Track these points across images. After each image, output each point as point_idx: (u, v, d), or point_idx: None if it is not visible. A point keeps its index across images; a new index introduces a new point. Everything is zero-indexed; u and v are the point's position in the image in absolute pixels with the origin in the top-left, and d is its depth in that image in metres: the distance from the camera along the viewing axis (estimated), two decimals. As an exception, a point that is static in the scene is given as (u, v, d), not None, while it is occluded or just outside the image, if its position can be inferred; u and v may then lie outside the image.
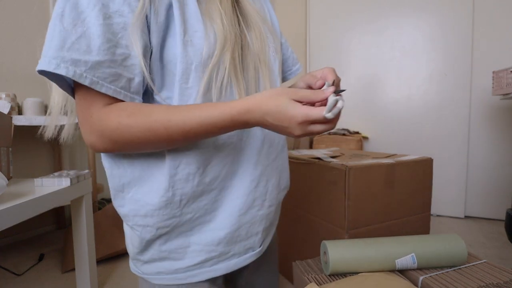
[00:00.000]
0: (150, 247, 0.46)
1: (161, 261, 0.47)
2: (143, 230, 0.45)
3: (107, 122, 0.37)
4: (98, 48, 0.35)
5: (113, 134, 0.37)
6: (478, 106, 1.92)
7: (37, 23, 1.71)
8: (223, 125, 0.37)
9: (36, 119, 1.41)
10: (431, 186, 0.99)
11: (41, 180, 0.91)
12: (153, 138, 0.37)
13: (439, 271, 0.66)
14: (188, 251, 0.47)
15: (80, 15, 0.35)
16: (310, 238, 1.01)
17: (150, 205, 0.43)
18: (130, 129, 0.37)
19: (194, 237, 0.47)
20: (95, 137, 0.38)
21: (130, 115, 0.37)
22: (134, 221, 0.45)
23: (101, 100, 0.37)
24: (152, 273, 0.48)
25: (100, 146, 0.38)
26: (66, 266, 1.30)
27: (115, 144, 0.38)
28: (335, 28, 2.31)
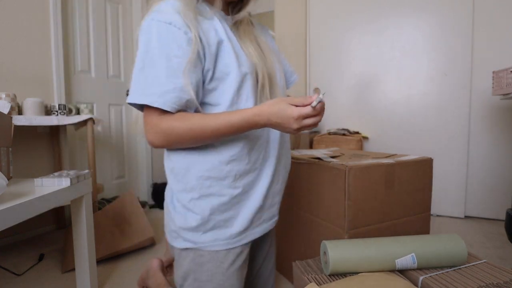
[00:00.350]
0: (211, 218, 0.62)
1: (218, 229, 0.63)
2: (207, 200, 0.62)
3: (162, 125, 0.55)
4: (164, 83, 0.54)
5: (166, 132, 0.56)
6: (478, 106, 1.91)
7: (37, 23, 1.71)
8: (240, 125, 0.55)
9: (36, 119, 1.41)
10: (431, 186, 0.99)
11: (41, 180, 0.91)
12: (192, 134, 0.56)
13: (439, 271, 0.66)
14: (238, 219, 0.64)
15: (154, 64, 0.55)
16: (310, 238, 1.01)
17: (213, 178, 0.62)
18: (177, 129, 0.55)
19: (242, 208, 0.64)
20: (154, 136, 0.56)
21: (177, 120, 0.55)
22: (200, 192, 0.62)
23: (160, 112, 0.56)
24: (209, 241, 0.63)
25: (158, 142, 0.57)
26: (66, 266, 1.30)
27: (168, 140, 0.56)
28: (335, 28, 2.31)
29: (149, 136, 0.57)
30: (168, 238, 0.69)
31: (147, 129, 0.57)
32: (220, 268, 0.64)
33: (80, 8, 2.01)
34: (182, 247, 0.65)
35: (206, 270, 0.64)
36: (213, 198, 0.62)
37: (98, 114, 2.17)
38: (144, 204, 2.36)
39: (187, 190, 0.63)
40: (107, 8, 2.21)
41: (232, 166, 0.62)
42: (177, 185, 0.65)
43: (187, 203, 0.63)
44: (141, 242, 1.46)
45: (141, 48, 0.56)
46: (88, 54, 2.08)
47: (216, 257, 0.63)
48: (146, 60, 0.55)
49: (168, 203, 0.69)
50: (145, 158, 2.47)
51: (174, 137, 0.56)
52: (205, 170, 0.62)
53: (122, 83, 2.35)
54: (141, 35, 0.57)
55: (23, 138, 1.67)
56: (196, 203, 0.62)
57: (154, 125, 0.56)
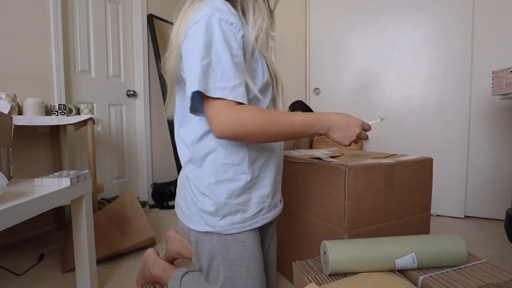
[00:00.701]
0: (227, 202, 0.68)
1: (235, 213, 0.69)
2: (222, 185, 0.68)
3: (244, 114, 0.59)
4: (233, 78, 0.59)
5: (238, 122, 0.58)
6: (478, 106, 1.92)
7: (37, 23, 1.71)
8: (311, 124, 0.64)
9: (36, 119, 1.41)
10: (431, 186, 0.99)
11: (41, 180, 0.91)
12: (270, 127, 0.61)
13: (439, 271, 0.66)
14: (251, 204, 0.71)
15: (221, 59, 0.59)
16: (310, 238, 1.01)
17: (228, 164, 0.68)
18: (259, 119, 0.60)
19: (254, 193, 0.71)
20: (225, 126, 0.59)
21: (248, 111, 0.60)
22: (217, 177, 0.68)
23: (231, 104, 0.60)
24: (228, 225, 0.69)
25: (228, 132, 0.59)
26: (66, 266, 1.30)
27: (238, 129, 0.59)
28: (335, 28, 2.31)
29: (219, 126, 0.59)
30: (188, 223, 0.74)
31: (218, 120, 0.59)
32: (245, 246, 0.71)
33: (80, 8, 2.01)
34: (204, 231, 0.70)
35: (233, 250, 0.70)
36: (229, 183, 0.68)
37: (98, 114, 2.17)
38: (144, 204, 2.36)
39: (204, 177, 0.68)
40: (107, 8, 2.21)
41: (246, 152, 0.68)
42: (195, 173, 0.70)
43: (204, 188, 0.69)
44: (141, 242, 1.46)
45: (201, 41, 0.58)
46: (88, 54, 2.08)
47: (238, 238, 0.70)
48: (211, 54, 0.58)
49: (185, 190, 0.74)
50: (145, 158, 2.47)
51: (245, 128, 0.59)
52: (222, 156, 0.67)
53: (122, 83, 2.35)
54: (200, 27, 0.59)
55: (23, 138, 1.67)
56: (212, 188, 0.68)
57: (227, 117, 0.58)
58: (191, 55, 0.59)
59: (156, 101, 2.57)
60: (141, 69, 2.41)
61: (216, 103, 0.59)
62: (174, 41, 0.66)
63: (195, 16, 0.61)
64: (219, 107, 0.59)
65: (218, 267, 0.73)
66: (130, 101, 2.42)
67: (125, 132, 2.38)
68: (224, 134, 0.59)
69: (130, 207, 1.58)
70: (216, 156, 0.68)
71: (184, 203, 0.76)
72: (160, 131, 2.63)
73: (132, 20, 2.41)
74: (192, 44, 0.59)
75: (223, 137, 0.60)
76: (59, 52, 1.80)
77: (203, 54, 0.58)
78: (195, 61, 0.58)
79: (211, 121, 0.60)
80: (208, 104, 0.60)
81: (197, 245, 0.75)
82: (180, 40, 0.64)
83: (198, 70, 0.58)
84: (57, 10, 1.79)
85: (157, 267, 1.01)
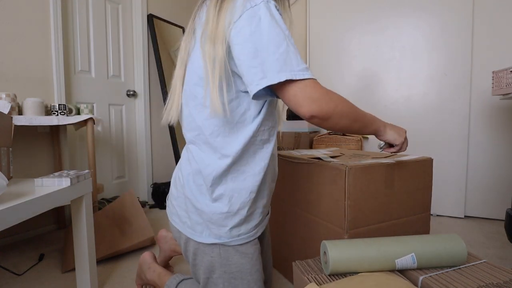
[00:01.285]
0: (239, 213, 0.68)
1: (243, 223, 0.70)
2: (241, 194, 0.68)
3: (334, 94, 0.61)
4: (302, 62, 0.59)
5: (337, 102, 0.60)
6: (478, 106, 1.92)
7: (37, 23, 1.71)
8: (374, 119, 0.70)
9: (36, 119, 1.41)
10: (431, 186, 0.99)
11: (41, 180, 0.91)
12: (353, 111, 0.63)
13: (439, 271, 0.66)
14: (255, 214, 0.72)
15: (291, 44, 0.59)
16: (310, 238, 1.01)
17: (249, 173, 0.69)
18: (345, 101, 0.62)
19: (258, 202, 0.71)
20: (324, 103, 0.59)
21: (329, 91, 0.61)
22: (235, 185, 0.68)
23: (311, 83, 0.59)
24: (235, 236, 0.69)
25: (325, 109, 0.59)
26: (66, 266, 1.30)
27: (328, 105, 0.59)
28: (335, 28, 2.31)
29: (314, 104, 0.58)
30: (190, 234, 0.72)
31: (312, 98, 0.58)
32: (246, 258, 0.70)
33: (80, 8, 2.01)
34: (208, 242, 0.69)
35: (234, 262, 0.70)
36: (246, 192, 0.68)
37: (98, 114, 2.17)
38: (144, 204, 2.36)
39: (221, 184, 0.68)
40: (107, 8, 2.21)
41: (266, 162, 0.70)
42: (206, 181, 0.68)
43: (218, 197, 0.68)
44: (141, 242, 1.46)
45: (270, 27, 0.56)
46: (88, 54, 2.08)
47: (241, 249, 0.70)
48: (286, 40, 0.57)
49: (187, 200, 0.72)
50: (145, 158, 2.47)
51: (337, 107, 0.59)
52: (243, 164, 0.68)
53: (122, 83, 2.35)
54: (261, 12, 0.57)
55: (23, 138, 1.67)
56: (229, 196, 0.68)
57: (321, 94, 0.58)
58: (265, 45, 0.56)
59: (156, 101, 2.57)
60: (141, 69, 2.41)
61: (307, 83, 0.58)
62: (214, 28, 0.61)
63: (249, 1, 0.58)
64: (311, 86, 0.58)
65: (218, 280, 0.71)
66: (130, 101, 2.42)
67: (125, 132, 2.38)
68: (318, 112, 0.58)
69: (130, 207, 1.58)
70: (240, 164, 0.68)
71: (184, 212, 0.74)
72: (160, 131, 2.63)
73: (132, 20, 2.41)
74: (260, 32, 0.56)
75: (315, 115, 0.58)
76: (59, 52, 1.80)
77: (279, 41, 0.56)
78: (272, 50, 0.56)
79: (303, 101, 0.58)
80: (294, 86, 0.58)
81: (195, 257, 0.73)
82: (231, 20, 0.59)
83: (280, 58, 0.56)
84: (57, 10, 1.79)
85: (152, 272, 0.99)
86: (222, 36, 0.59)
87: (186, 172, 0.72)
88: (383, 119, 2.18)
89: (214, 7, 0.62)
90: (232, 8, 0.59)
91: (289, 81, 0.57)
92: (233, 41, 0.59)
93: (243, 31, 0.57)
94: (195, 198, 0.70)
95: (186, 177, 0.71)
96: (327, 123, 0.61)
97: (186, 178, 0.72)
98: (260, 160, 0.69)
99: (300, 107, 0.58)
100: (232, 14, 0.59)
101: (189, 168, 0.71)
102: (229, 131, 0.67)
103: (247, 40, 0.57)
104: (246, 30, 0.57)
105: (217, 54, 0.60)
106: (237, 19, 0.58)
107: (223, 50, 0.60)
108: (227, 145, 0.67)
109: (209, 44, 0.61)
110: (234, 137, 0.67)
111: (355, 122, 0.64)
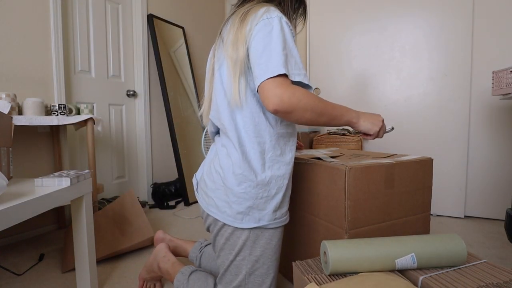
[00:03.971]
0: (275, 197, 0.78)
1: (278, 208, 0.79)
2: (281, 179, 0.79)
3: (298, 90, 0.68)
4: (302, 68, 0.73)
5: (300, 96, 0.67)
6: (478, 106, 1.92)
7: (37, 23, 1.71)
8: (346, 110, 0.78)
9: (36, 119, 1.41)
10: (431, 186, 0.99)
11: (41, 180, 0.91)
12: (319, 105, 0.70)
13: (439, 271, 0.66)
14: (286, 202, 0.82)
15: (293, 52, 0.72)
16: (310, 238, 1.01)
17: (282, 162, 0.80)
18: (311, 96, 0.69)
19: (288, 190, 0.82)
20: (286, 97, 0.66)
21: (309, 93, 0.70)
22: (272, 172, 0.78)
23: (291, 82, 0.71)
24: (271, 219, 0.78)
25: (287, 101, 0.66)
26: (66, 266, 1.30)
27: (295, 103, 0.67)
28: (335, 28, 2.31)
29: (275, 98, 0.66)
30: (230, 222, 0.78)
31: (271, 96, 0.66)
32: (270, 244, 0.79)
33: (80, 8, 2.01)
34: (247, 227, 0.77)
35: (260, 246, 0.78)
36: (281, 179, 0.79)
37: (98, 114, 2.17)
38: (144, 204, 2.36)
39: (262, 171, 0.77)
40: (107, 8, 2.21)
41: (293, 152, 0.83)
42: (253, 166, 0.77)
43: (260, 183, 0.76)
44: (141, 242, 1.46)
45: (279, 35, 0.69)
46: (88, 54, 2.08)
47: (268, 234, 0.79)
48: (287, 48, 0.70)
49: (227, 190, 0.78)
50: (145, 158, 2.47)
51: (299, 101, 0.67)
52: (278, 154, 0.78)
53: (122, 83, 2.35)
54: (275, 23, 0.70)
55: (23, 138, 1.67)
56: (270, 180, 0.77)
57: (284, 90, 0.66)
58: (272, 45, 0.68)
59: (156, 101, 2.57)
60: (141, 69, 2.41)
61: (281, 80, 0.67)
62: (237, 35, 0.73)
63: (266, 14, 0.71)
64: (282, 83, 0.67)
65: (241, 262, 0.79)
66: (130, 101, 2.42)
67: (125, 132, 2.38)
68: (279, 106, 0.66)
69: (130, 207, 1.58)
70: (274, 153, 0.78)
71: (224, 203, 0.80)
72: (160, 131, 2.63)
73: (132, 20, 2.41)
74: (270, 36, 0.69)
75: (277, 109, 0.66)
76: (59, 52, 1.80)
77: (283, 46, 0.68)
78: (277, 50, 0.67)
79: (268, 93, 0.66)
80: (269, 83, 0.67)
81: (226, 242, 0.80)
82: (252, 26, 0.72)
83: (282, 58, 0.67)
84: (57, 10, 1.79)
85: (166, 261, 1.03)
86: (243, 40, 0.72)
87: (227, 165, 0.79)
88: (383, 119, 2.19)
89: (239, 19, 0.75)
90: (254, 18, 0.72)
91: (269, 78, 0.67)
92: (255, 42, 0.71)
93: (262, 37, 0.70)
94: (237, 188, 0.77)
95: (227, 169, 0.79)
96: (290, 116, 0.69)
97: (227, 171, 0.79)
98: (289, 152, 0.81)
99: (268, 98, 0.67)
100: (252, 21, 0.72)
101: (230, 161, 0.79)
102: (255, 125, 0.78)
103: (264, 45, 0.69)
104: (265, 38, 0.69)
105: (238, 55, 0.72)
106: (256, 25, 0.71)
107: (244, 51, 0.72)
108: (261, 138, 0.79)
109: (232, 47, 0.74)
110: (264, 130, 0.79)
111: (321, 115, 0.71)
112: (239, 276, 0.79)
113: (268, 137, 0.77)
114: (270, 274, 0.80)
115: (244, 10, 0.76)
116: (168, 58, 2.57)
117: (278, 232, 0.81)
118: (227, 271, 0.81)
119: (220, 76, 0.81)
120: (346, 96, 2.30)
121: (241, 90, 0.74)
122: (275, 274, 0.82)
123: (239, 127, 0.78)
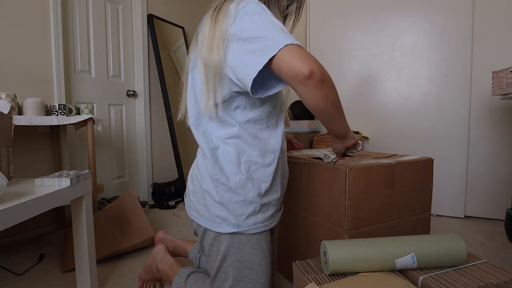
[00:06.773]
0: (253, 201, 0.72)
1: (259, 213, 0.74)
2: (253, 183, 0.72)
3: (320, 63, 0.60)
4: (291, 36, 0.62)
5: (323, 69, 0.59)
6: (478, 106, 1.92)
7: (37, 23, 1.71)
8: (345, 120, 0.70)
9: (36, 119, 1.41)
10: (431, 186, 0.99)
11: (41, 180, 0.91)
12: (338, 97, 0.63)
13: (439, 271, 0.66)
14: (270, 205, 0.76)
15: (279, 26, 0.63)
16: (310, 238, 1.01)
17: (260, 164, 0.73)
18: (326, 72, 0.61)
19: (272, 195, 0.76)
20: (317, 66, 0.58)
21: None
22: (248, 175, 0.72)
23: None
24: (251, 224, 0.73)
25: (318, 68, 0.58)
26: (66, 266, 1.30)
27: (326, 74, 0.59)
28: (335, 28, 2.31)
29: (309, 65, 0.57)
30: (209, 226, 0.76)
31: (306, 60, 0.57)
32: (258, 249, 0.75)
33: (80, 8, 2.01)
34: (226, 232, 0.73)
35: (246, 252, 0.74)
36: (258, 183, 0.73)
37: (98, 114, 2.17)
38: (144, 204, 2.36)
39: (235, 175, 0.71)
40: (107, 8, 2.21)
41: (277, 154, 0.75)
42: (224, 170, 0.72)
43: (234, 185, 0.71)
44: (141, 242, 1.46)
45: (261, 16, 0.62)
46: (88, 54, 2.08)
47: (253, 240, 0.74)
48: (273, 22, 0.62)
49: (204, 193, 0.76)
50: (145, 158, 2.47)
51: (326, 73, 0.60)
52: (255, 156, 0.72)
53: (122, 83, 2.35)
54: (255, 8, 0.62)
55: (23, 138, 1.67)
56: (243, 185, 0.71)
57: (314, 60, 0.58)
58: (260, 27, 0.60)
59: (156, 101, 2.57)
60: (141, 69, 2.41)
61: (300, 49, 0.59)
62: (211, 36, 0.66)
63: (242, 3, 0.64)
64: (303, 52, 0.59)
65: (228, 268, 0.75)
66: (130, 101, 2.42)
67: (125, 132, 2.38)
68: (317, 69, 0.57)
69: (130, 207, 1.58)
70: (250, 155, 0.72)
71: (202, 206, 0.77)
72: (160, 131, 2.63)
73: (132, 20, 2.41)
74: (254, 20, 0.61)
75: (314, 71, 0.57)
76: (59, 52, 1.80)
77: (269, 22, 0.61)
78: (268, 27, 0.60)
79: (298, 62, 0.57)
80: (287, 53, 0.58)
81: (211, 247, 0.77)
82: (227, 27, 0.64)
83: (278, 31, 0.60)
84: (57, 10, 1.79)
85: (165, 262, 1.03)
86: (218, 44, 0.64)
87: (203, 168, 0.76)
88: (384, 119, 2.21)
89: (210, 19, 0.68)
90: (226, 16, 0.64)
91: (284, 51, 0.58)
92: (231, 46, 0.64)
93: (246, 25, 0.62)
94: (213, 191, 0.74)
95: (203, 172, 0.76)
96: (321, 87, 0.59)
97: (203, 173, 0.76)
98: (269, 137, 0.75)
99: (298, 67, 0.57)
100: (227, 21, 0.64)
101: (205, 164, 0.76)
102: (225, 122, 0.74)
103: (252, 31, 0.61)
104: (250, 24, 0.62)
105: (213, 60, 0.66)
106: (231, 24, 0.63)
107: (219, 56, 0.65)
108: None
109: (206, 51, 0.67)
110: (228, 128, 0.74)
111: (339, 107, 0.65)
112: (228, 282, 0.76)
113: (242, 133, 0.72)
114: (260, 280, 0.76)
115: (216, 6, 0.69)
116: (168, 58, 2.57)
117: (264, 236, 0.76)
118: (216, 276, 0.78)
119: (193, 79, 0.76)
120: (346, 96, 2.30)
121: (217, 98, 0.69)
122: (267, 279, 0.77)
123: (208, 133, 0.74)
